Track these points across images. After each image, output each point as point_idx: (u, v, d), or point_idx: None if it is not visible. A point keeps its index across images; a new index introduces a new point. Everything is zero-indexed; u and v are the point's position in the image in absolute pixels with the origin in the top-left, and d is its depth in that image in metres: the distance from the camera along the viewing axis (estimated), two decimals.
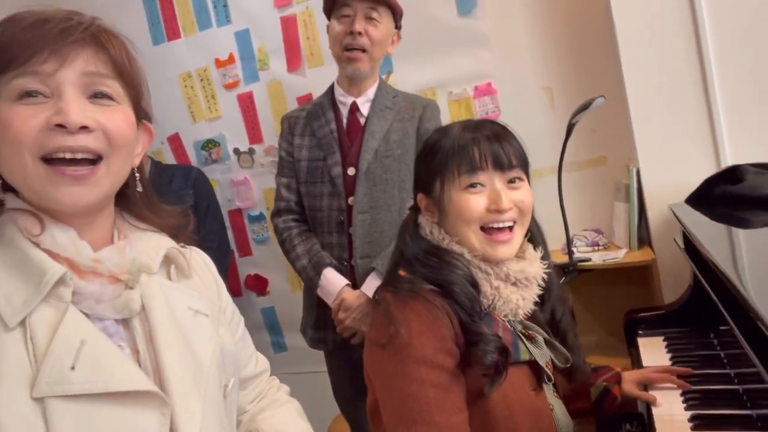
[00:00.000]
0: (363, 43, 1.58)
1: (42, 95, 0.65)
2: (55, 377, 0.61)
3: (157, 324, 0.71)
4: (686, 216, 1.54)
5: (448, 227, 1.01)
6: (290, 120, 1.73)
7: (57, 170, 0.65)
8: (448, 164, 1.00)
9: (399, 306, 0.93)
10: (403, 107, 1.67)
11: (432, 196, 1.04)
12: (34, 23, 0.66)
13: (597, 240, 1.98)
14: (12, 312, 0.63)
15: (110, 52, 0.69)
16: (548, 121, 2.06)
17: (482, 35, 2.05)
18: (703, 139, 1.67)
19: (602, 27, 1.91)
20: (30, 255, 0.66)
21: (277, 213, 1.70)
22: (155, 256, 0.76)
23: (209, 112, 2.42)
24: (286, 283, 2.45)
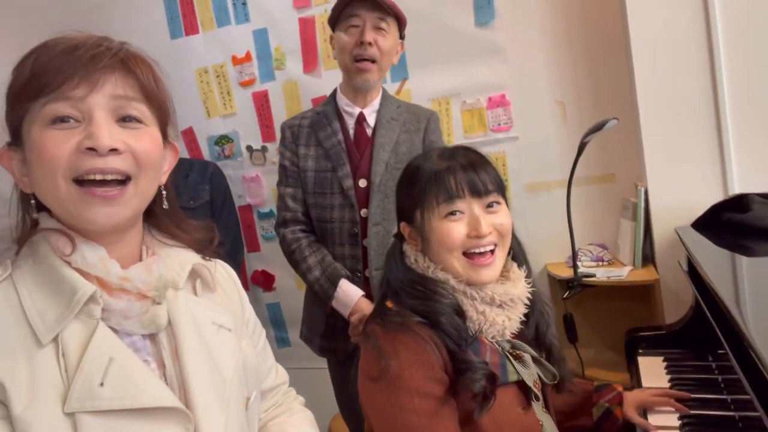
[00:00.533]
0: (373, 53, 1.59)
1: (74, 119, 0.68)
2: (85, 393, 0.64)
3: (182, 339, 0.74)
4: (691, 240, 1.57)
5: (432, 255, 1.04)
6: (292, 128, 1.70)
7: (88, 191, 0.68)
8: (426, 194, 1.02)
9: (388, 339, 0.95)
10: (408, 119, 1.69)
11: (414, 225, 1.07)
12: (66, 50, 0.69)
13: (602, 255, 2.01)
14: (45, 329, 0.66)
15: (138, 76, 0.72)
16: (560, 134, 2.09)
17: (499, 47, 2.07)
18: (712, 165, 1.69)
19: (618, 46, 1.93)
20: (62, 274, 0.69)
21: (283, 223, 1.68)
22: (181, 271, 0.79)
23: (224, 109, 2.45)
24: (292, 281, 2.48)
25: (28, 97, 0.68)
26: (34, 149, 0.68)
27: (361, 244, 1.62)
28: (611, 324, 2.03)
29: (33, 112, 0.68)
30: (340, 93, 1.70)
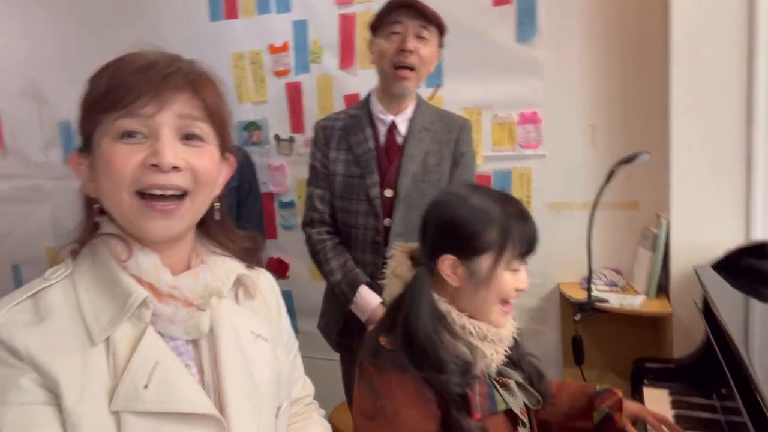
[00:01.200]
0: (413, 61, 1.59)
1: (141, 135, 0.72)
2: (130, 394, 0.68)
3: (222, 346, 0.78)
4: (710, 280, 1.60)
5: (473, 298, 1.05)
6: (325, 130, 1.72)
7: (148, 204, 0.72)
8: (509, 245, 1.04)
9: (383, 379, 0.98)
10: (440, 129, 1.69)
11: (469, 265, 1.05)
12: (140, 68, 0.73)
13: (615, 281, 2.04)
14: (99, 330, 0.70)
15: (203, 97, 0.76)
16: (587, 157, 2.11)
17: (536, 64, 2.08)
18: (737, 208, 1.72)
19: (657, 77, 1.94)
20: (118, 277, 0.73)
21: (310, 223, 1.72)
22: (226, 280, 0.83)
23: (256, 96, 2.47)
24: (306, 271, 2.52)
25: (101, 109, 0.72)
26: (103, 160, 0.72)
27: (382, 252, 1.63)
28: (618, 348, 2.07)
29: (105, 125, 0.72)
30: (375, 98, 1.70)
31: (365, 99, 1.75)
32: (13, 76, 2.86)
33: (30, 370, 0.67)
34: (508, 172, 2.17)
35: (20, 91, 2.86)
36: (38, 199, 2.96)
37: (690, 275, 1.76)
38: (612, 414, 1.25)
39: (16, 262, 3.09)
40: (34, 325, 0.69)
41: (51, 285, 0.73)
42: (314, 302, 2.28)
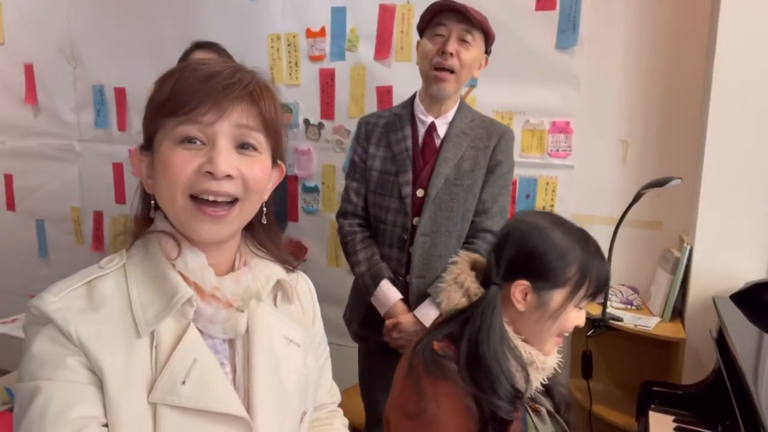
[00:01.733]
0: (453, 64, 1.59)
1: (200, 141, 0.75)
2: (168, 388, 0.72)
3: (255, 348, 0.81)
4: (727, 312, 1.60)
5: (536, 326, 1.08)
6: (368, 126, 1.75)
7: (200, 209, 0.75)
8: (584, 285, 1.06)
9: (430, 382, 1.01)
10: (479, 134, 1.69)
11: (540, 294, 1.06)
12: (204, 77, 0.75)
13: (631, 299, 2.04)
14: (145, 323, 0.74)
15: (261, 107, 0.78)
16: (615, 173, 2.09)
17: (573, 74, 2.05)
18: (761, 241, 1.70)
19: (695, 100, 1.92)
20: (167, 274, 0.77)
21: (343, 214, 1.77)
22: (266, 284, 0.85)
23: (289, 78, 2.47)
24: (324, 257, 2.55)
25: (164, 114, 0.75)
26: (162, 162, 0.75)
27: (407, 250, 1.66)
28: (627, 366, 2.08)
29: (166, 129, 0.75)
30: (418, 99, 1.71)
31: (410, 99, 1.76)
32: (51, 34, 2.88)
33: (79, 353, 0.70)
34: (534, 180, 2.16)
35: (57, 50, 2.89)
36: (67, 158, 3.01)
37: (707, 302, 1.76)
38: None
39: (41, 217, 3.16)
40: (86, 312, 0.72)
41: (105, 274, 0.77)
42: (328, 287, 2.31)
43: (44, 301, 0.72)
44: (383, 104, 2.33)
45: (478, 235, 1.66)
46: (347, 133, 2.42)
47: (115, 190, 2.94)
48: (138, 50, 2.71)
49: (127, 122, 2.83)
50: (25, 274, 3.24)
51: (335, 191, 2.49)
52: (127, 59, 2.74)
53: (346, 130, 2.42)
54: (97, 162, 2.94)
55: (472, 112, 1.75)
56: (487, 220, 1.66)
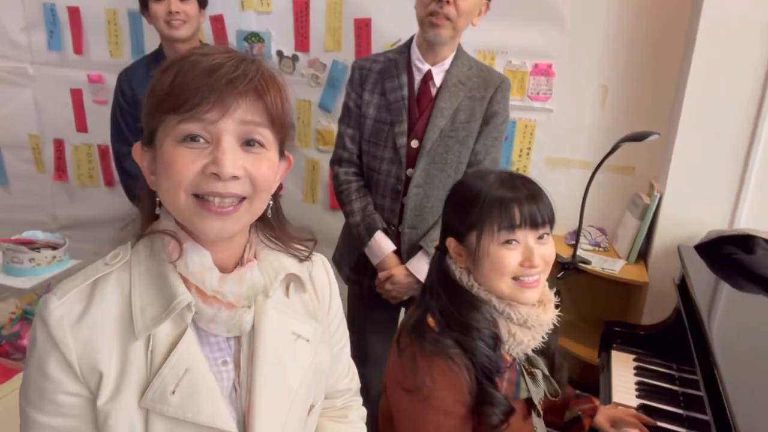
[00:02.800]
0: (449, 11, 1.54)
1: (203, 139, 0.72)
2: (158, 396, 0.73)
3: (259, 345, 0.81)
4: (691, 261, 1.70)
5: (479, 275, 1.10)
6: (362, 71, 1.70)
7: (204, 206, 0.73)
8: (487, 219, 1.06)
9: (425, 359, 1.05)
10: (476, 84, 1.66)
11: (464, 244, 1.11)
12: (205, 71, 0.71)
13: (599, 241, 2.14)
14: (142, 326, 0.74)
15: (266, 101, 0.74)
16: (593, 117, 2.11)
17: (559, 15, 2.01)
18: (728, 196, 1.79)
19: (680, 53, 1.92)
20: (168, 276, 0.76)
21: (338, 161, 1.75)
22: (275, 279, 0.84)
23: (260, 4, 2.33)
24: (300, 192, 2.54)
25: (165, 109, 0.72)
26: (164, 161, 0.73)
27: (400, 200, 1.68)
28: (593, 303, 2.22)
29: (167, 125, 0.72)
30: (415, 45, 1.66)
31: (406, 44, 1.70)
32: None
33: (73, 379, 0.72)
34: (513, 122, 2.16)
35: None
36: (19, 82, 2.82)
37: (672, 250, 1.86)
38: (582, 417, 1.35)
39: None
40: (85, 317, 0.73)
41: (109, 272, 0.77)
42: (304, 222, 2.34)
43: (48, 307, 0.73)
44: (361, 38, 2.24)
45: None
46: (323, 67, 2.34)
47: (75, 117, 2.79)
48: None
49: (84, 45, 2.65)
50: None
51: (311, 127, 2.44)
52: None
53: (321, 63, 2.34)
54: (53, 87, 2.77)
55: (470, 60, 1.71)
56: None
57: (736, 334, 1.43)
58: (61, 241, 1.97)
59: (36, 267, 1.88)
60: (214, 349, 0.80)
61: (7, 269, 1.87)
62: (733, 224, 1.82)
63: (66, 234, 2.33)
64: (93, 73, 2.67)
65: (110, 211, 2.83)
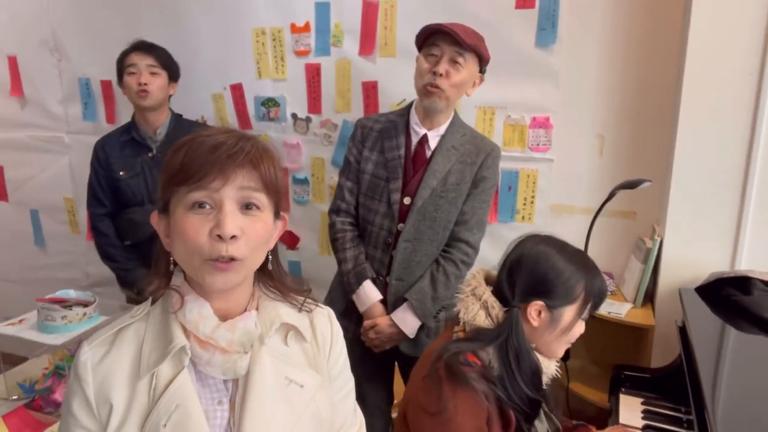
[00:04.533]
0: (441, 84, 1.67)
1: (209, 206, 0.85)
2: (153, 428, 0.84)
3: (251, 389, 0.90)
4: (691, 304, 1.74)
5: (549, 339, 1.25)
6: (364, 129, 1.83)
7: (213, 265, 0.85)
8: (590, 302, 1.26)
9: (450, 386, 1.15)
10: (468, 150, 1.77)
11: (553, 312, 1.24)
12: (210, 149, 0.85)
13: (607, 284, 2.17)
14: (146, 367, 0.87)
15: (261, 171, 0.88)
16: (592, 165, 2.19)
17: (553, 70, 2.12)
18: (727, 237, 1.84)
19: (670, 100, 2.01)
20: (170, 324, 0.89)
21: (336, 211, 1.86)
22: (270, 327, 0.94)
23: (275, 73, 2.51)
24: (316, 245, 2.65)
25: (177, 182, 0.85)
26: (178, 227, 0.86)
27: (390, 252, 1.78)
28: (601, 346, 2.24)
29: (179, 195, 0.86)
30: (414, 110, 1.80)
31: (407, 107, 1.83)
32: (33, 26, 2.87)
33: (89, 415, 0.86)
34: (516, 172, 2.26)
35: (39, 42, 2.88)
36: (56, 150, 3.04)
37: (675, 292, 1.90)
38: None
39: (34, 208, 3.21)
40: (106, 358, 0.88)
41: (132, 323, 0.92)
42: (321, 274, 2.44)
43: (80, 352, 0.89)
44: (369, 99, 2.39)
45: (455, 244, 1.78)
46: (334, 127, 2.48)
47: None
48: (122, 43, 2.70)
49: (116, 115, 2.86)
50: (22, 263, 3.32)
51: (324, 183, 2.57)
52: (112, 52, 2.73)
53: (333, 124, 2.48)
54: (87, 154, 2.94)
55: (465, 128, 1.82)
56: (464, 231, 1.77)
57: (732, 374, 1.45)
58: (92, 299, 2.09)
59: (68, 324, 2.00)
60: (212, 390, 0.90)
61: (41, 327, 1.99)
62: (734, 265, 1.86)
63: (97, 291, 2.47)
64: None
65: None
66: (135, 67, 2.18)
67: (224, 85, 2.59)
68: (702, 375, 1.40)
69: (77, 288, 2.23)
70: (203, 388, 0.89)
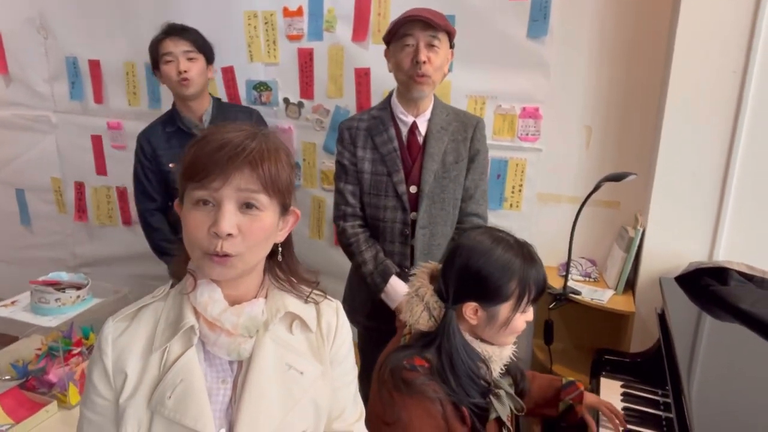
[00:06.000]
0: (427, 70, 1.69)
1: (211, 203, 0.90)
2: (158, 400, 0.91)
3: (252, 371, 0.95)
4: (671, 293, 1.81)
5: (491, 334, 1.27)
6: (351, 131, 1.84)
7: (210, 258, 0.90)
8: (525, 296, 1.24)
9: (399, 395, 1.19)
10: (456, 128, 1.81)
11: (489, 310, 1.24)
12: (215, 149, 0.89)
13: (590, 272, 2.25)
14: (158, 343, 0.94)
15: (260, 172, 0.90)
16: (579, 156, 2.25)
17: (544, 62, 2.16)
18: (706, 229, 1.92)
19: (656, 93, 2.07)
20: (183, 305, 0.96)
21: (342, 217, 1.85)
22: (275, 315, 0.99)
23: (267, 57, 2.51)
24: (306, 229, 2.68)
25: (186, 178, 0.91)
26: (184, 220, 0.92)
27: (409, 243, 1.81)
28: (583, 330, 2.32)
29: (189, 191, 0.91)
30: (395, 100, 1.81)
31: (386, 100, 1.85)
32: (19, 3, 2.81)
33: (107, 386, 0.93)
34: (505, 161, 2.31)
35: (26, 20, 2.83)
36: (42, 129, 3.02)
37: (655, 280, 1.98)
38: (574, 405, 1.52)
39: (20, 187, 3.19)
40: (126, 332, 0.96)
41: (153, 302, 0.99)
42: (310, 257, 2.49)
43: (105, 326, 0.97)
44: (361, 85, 2.41)
45: (466, 219, 1.84)
46: (326, 113, 2.50)
47: (95, 161, 2.97)
48: (112, 23, 2.69)
49: (104, 95, 2.83)
50: (8, 243, 3.30)
51: (316, 168, 2.59)
52: (101, 32, 2.72)
53: (325, 109, 2.50)
54: (74, 133, 2.96)
55: (446, 107, 1.86)
56: (472, 204, 1.84)
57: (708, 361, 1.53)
58: (85, 281, 2.10)
59: (61, 306, 2.01)
60: (218, 369, 0.96)
61: (35, 308, 2.00)
62: (712, 256, 1.94)
63: (85, 271, 2.48)
64: (112, 121, 2.85)
65: (127, 249, 3.00)
66: (171, 54, 2.05)
67: (215, 68, 2.58)
68: (680, 360, 1.48)
69: (65, 268, 2.24)
70: (210, 367, 0.95)
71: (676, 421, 1.37)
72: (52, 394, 1.88)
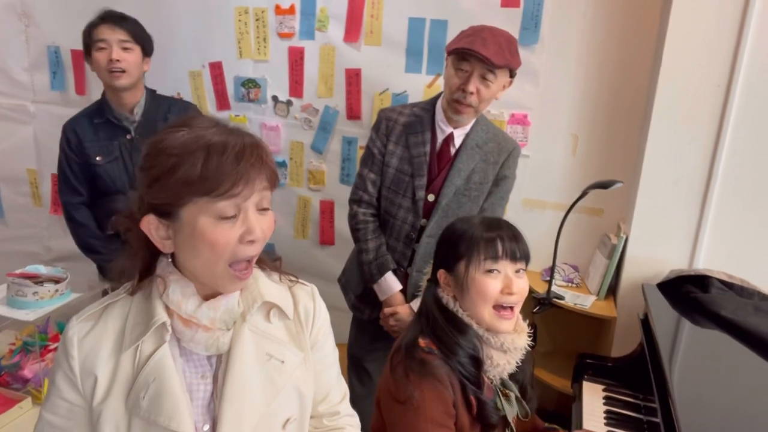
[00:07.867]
0: (472, 101, 1.68)
1: (235, 216, 0.87)
2: (133, 401, 0.89)
3: (232, 363, 0.93)
4: (653, 299, 1.85)
5: (464, 302, 1.26)
6: (389, 122, 1.82)
7: (236, 274, 0.89)
8: (474, 250, 1.23)
9: (415, 375, 1.20)
10: (491, 149, 1.80)
11: (453, 275, 1.27)
12: (234, 158, 0.84)
13: (572, 277, 2.29)
14: (129, 341, 0.91)
15: (268, 167, 0.90)
16: (566, 163, 2.28)
17: (533, 70, 2.19)
18: (687, 237, 1.97)
19: (642, 105, 2.12)
20: (154, 304, 0.92)
21: (358, 201, 1.85)
22: (252, 305, 0.97)
23: (257, 54, 2.49)
24: (291, 229, 2.67)
25: (198, 192, 0.84)
26: (202, 237, 0.86)
27: (413, 246, 1.82)
28: (566, 334, 2.35)
29: (200, 204, 0.85)
30: (440, 106, 1.79)
31: (432, 100, 1.83)
32: None
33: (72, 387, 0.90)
34: None
35: (6, 6, 2.76)
36: (20, 119, 2.94)
37: (637, 287, 2.02)
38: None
39: None
40: (91, 333, 0.92)
41: (119, 299, 0.95)
42: (296, 258, 2.48)
43: (68, 326, 0.93)
44: (352, 86, 2.41)
45: None
46: (315, 112, 2.49)
47: None
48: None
49: (86, 86, 2.77)
50: None
51: (303, 167, 2.58)
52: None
53: (314, 108, 2.49)
54: (53, 124, 2.87)
55: (487, 124, 1.84)
56: None
57: (691, 366, 1.57)
58: (64, 275, 2.05)
59: (39, 300, 1.96)
60: (196, 365, 0.94)
61: (11, 302, 1.94)
62: (692, 264, 1.99)
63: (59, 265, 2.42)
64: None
65: None
66: (105, 42, 1.96)
67: (203, 63, 2.56)
68: (665, 364, 1.51)
69: (39, 262, 2.18)
70: (187, 363, 0.93)
71: (662, 423, 1.40)
72: (27, 390, 1.83)
